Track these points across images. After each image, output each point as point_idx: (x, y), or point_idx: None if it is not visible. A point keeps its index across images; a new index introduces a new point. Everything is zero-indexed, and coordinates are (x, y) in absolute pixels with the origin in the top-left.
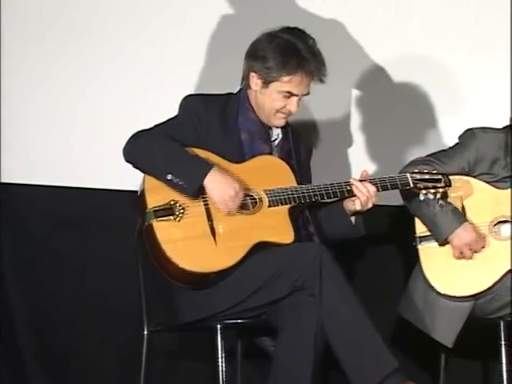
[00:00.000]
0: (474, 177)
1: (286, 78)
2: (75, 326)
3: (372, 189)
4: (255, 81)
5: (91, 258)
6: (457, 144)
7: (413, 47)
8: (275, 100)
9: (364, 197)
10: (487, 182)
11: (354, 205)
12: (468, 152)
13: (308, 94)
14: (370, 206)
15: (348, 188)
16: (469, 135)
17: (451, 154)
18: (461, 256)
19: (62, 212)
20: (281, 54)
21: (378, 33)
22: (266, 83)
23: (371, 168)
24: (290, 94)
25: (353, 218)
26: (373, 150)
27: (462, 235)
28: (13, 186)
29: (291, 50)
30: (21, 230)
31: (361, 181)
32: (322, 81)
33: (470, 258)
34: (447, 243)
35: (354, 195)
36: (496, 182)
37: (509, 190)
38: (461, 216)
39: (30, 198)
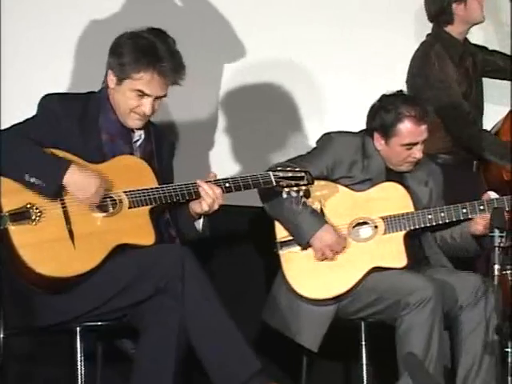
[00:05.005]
0: (333, 180)
1: (136, 76)
2: None
3: (218, 190)
4: (111, 78)
5: None
6: (315, 148)
7: (279, 52)
8: (128, 98)
9: (210, 199)
10: (346, 186)
11: (201, 206)
12: (326, 156)
13: (164, 96)
14: (216, 207)
15: (195, 190)
16: (326, 139)
17: (310, 159)
18: (322, 258)
19: None
20: (135, 51)
21: (245, 36)
22: (120, 80)
23: (235, 169)
24: (143, 94)
25: (201, 220)
26: (237, 152)
27: (322, 237)
28: None
29: (147, 48)
30: None
31: (207, 182)
32: (177, 83)
33: (332, 259)
34: (309, 246)
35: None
36: (354, 185)
37: (365, 192)
38: (321, 218)
39: None
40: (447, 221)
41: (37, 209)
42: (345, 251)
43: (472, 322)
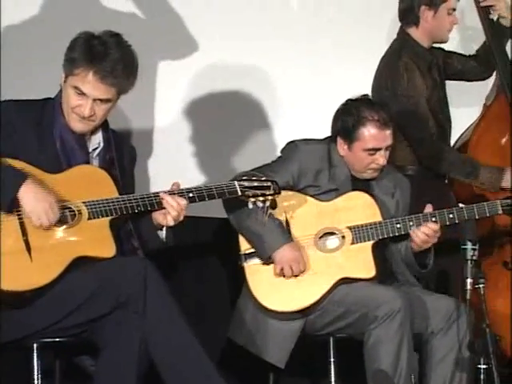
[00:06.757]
0: (299, 190)
1: (76, 71)
2: None
3: (182, 202)
4: (62, 75)
5: None
6: (279, 157)
7: (243, 58)
8: (69, 96)
9: (175, 212)
10: (312, 196)
11: (166, 219)
12: (291, 165)
13: (108, 100)
14: (181, 218)
15: (157, 200)
16: (291, 148)
17: (275, 168)
18: (281, 273)
19: None
20: (84, 48)
21: (207, 42)
22: (66, 77)
23: (201, 178)
24: (81, 92)
25: (164, 230)
26: (201, 161)
27: (285, 252)
28: None
29: (95, 46)
30: None
31: (171, 194)
32: (124, 89)
33: (289, 276)
34: (271, 262)
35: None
36: (320, 195)
37: (332, 201)
38: (286, 233)
39: None
40: None
41: None
42: (311, 264)
43: (443, 348)
